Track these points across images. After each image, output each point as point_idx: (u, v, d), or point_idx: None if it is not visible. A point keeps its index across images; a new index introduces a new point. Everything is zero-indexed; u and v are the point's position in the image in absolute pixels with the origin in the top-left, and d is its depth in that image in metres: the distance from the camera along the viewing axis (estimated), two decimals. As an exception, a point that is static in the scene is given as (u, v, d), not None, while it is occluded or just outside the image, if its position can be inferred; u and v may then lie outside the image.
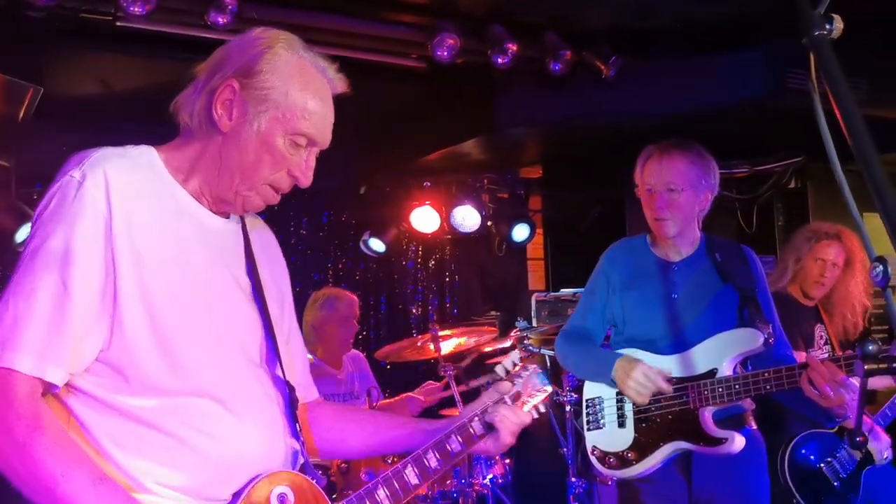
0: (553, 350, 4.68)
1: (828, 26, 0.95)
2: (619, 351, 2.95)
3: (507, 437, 1.91)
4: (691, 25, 4.31)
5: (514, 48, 4.11)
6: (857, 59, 4.58)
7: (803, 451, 3.60)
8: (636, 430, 2.85)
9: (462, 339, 4.61)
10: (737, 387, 2.72)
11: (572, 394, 4.30)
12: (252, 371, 1.69)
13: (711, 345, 2.82)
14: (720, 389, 2.73)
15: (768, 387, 2.68)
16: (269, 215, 1.86)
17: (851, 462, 3.60)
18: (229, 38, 4.05)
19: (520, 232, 6.35)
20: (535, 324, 5.67)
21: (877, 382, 3.76)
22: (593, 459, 2.91)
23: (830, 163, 0.88)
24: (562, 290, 6.00)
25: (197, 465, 1.55)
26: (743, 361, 2.84)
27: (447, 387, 4.31)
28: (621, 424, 2.89)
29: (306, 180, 1.67)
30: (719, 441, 2.74)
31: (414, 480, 1.78)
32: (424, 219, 6.19)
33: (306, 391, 1.93)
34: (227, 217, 1.73)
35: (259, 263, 1.77)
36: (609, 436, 2.90)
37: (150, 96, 4.62)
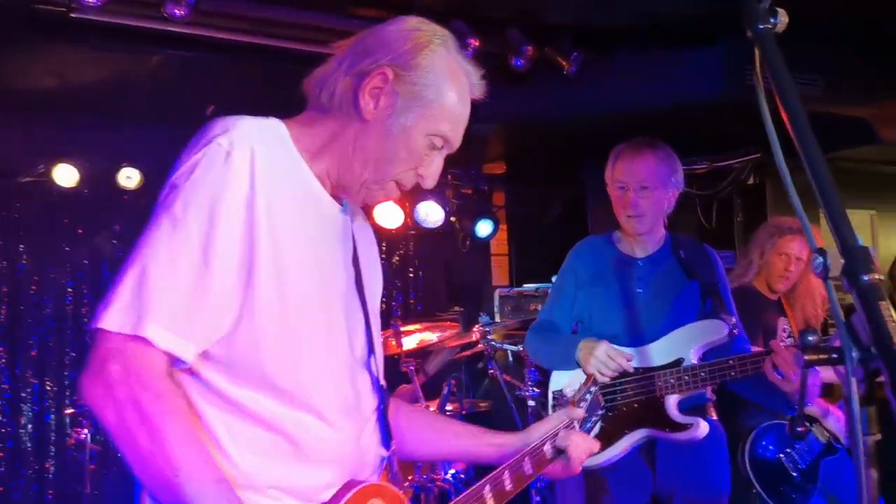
0: (516, 346, 4.74)
1: (772, 20, 0.95)
2: None
3: (577, 465, 1.87)
4: (652, 22, 4.34)
5: (476, 44, 4.10)
6: (813, 55, 4.67)
7: (763, 443, 3.65)
8: (603, 419, 2.86)
9: (425, 335, 4.61)
10: (703, 374, 2.77)
11: (534, 388, 4.34)
12: (356, 371, 1.61)
13: (678, 336, 2.87)
14: (686, 377, 2.79)
15: (733, 373, 2.73)
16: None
17: (810, 453, 3.66)
18: (186, 31, 3.99)
19: (483, 227, 6.36)
20: (498, 319, 5.69)
21: (833, 376, 3.83)
22: None
23: (774, 156, 0.88)
24: (525, 285, 6.02)
25: (304, 468, 1.48)
26: (705, 355, 2.89)
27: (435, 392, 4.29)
28: None
29: (432, 182, 1.59)
30: (685, 426, 2.79)
31: (491, 502, 1.72)
32: (388, 214, 6.16)
33: None
34: (341, 203, 1.63)
35: (359, 254, 1.69)
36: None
37: (105, 89, 4.61)
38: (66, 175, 5.27)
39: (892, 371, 0.73)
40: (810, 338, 0.84)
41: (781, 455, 3.64)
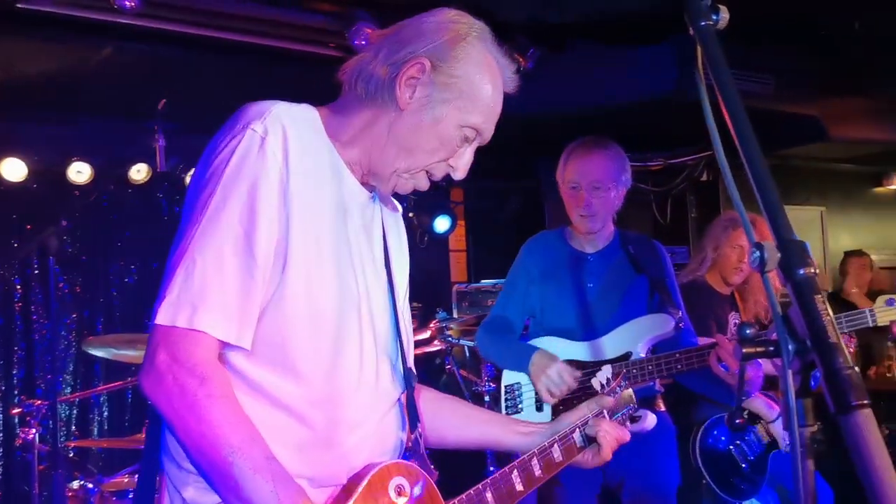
0: (473, 342, 4.75)
1: (714, 17, 0.96)
2: (537, 340, 3.01)
3: (608, 452, 1.85)
4: (606, 20, 4.38)
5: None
6: (764, 55, 4.75)
7: (714, 434, 3.70)
8: (554, 413, 2.91)
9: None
10: (650, 367, 2.83)
11: (490, 384, 4.35)
12: (380, 355, 1.60)
13: (626, 330, 2.92)
14: (634, 371, 2.83)
15: (679, 366, 2.79)
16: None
17: (759, 445, 3.72)
18: (137, 23, 3.90)
19: (441, 223, 6.36)
20: (455, 314, 5.69)
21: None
22: None
23: (715, 150, 0.90)
24: (482, 280, 6.03)
25: (323, 454, 1.48)
26: (653, 348, 2.93)
27: None
28: (539, 409, 2.95)
29: (462, 174, 1.62)
30: (634, 419, 2.82)
31: (519, 487, 1.72)
32: (345, 210, 6.13)
33: None
34: (371, 191, 1.64)
35: (388, 242, 1.70)
36: (528, 420, 2.94)
37: (55, 82, 4.52)
38: (14, 169, 5.14)
39: (826, 363, 0.75)
40: (748, 331, 0.86)
41: (731, 447, 3.69)
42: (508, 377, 3.05)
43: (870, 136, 6.36)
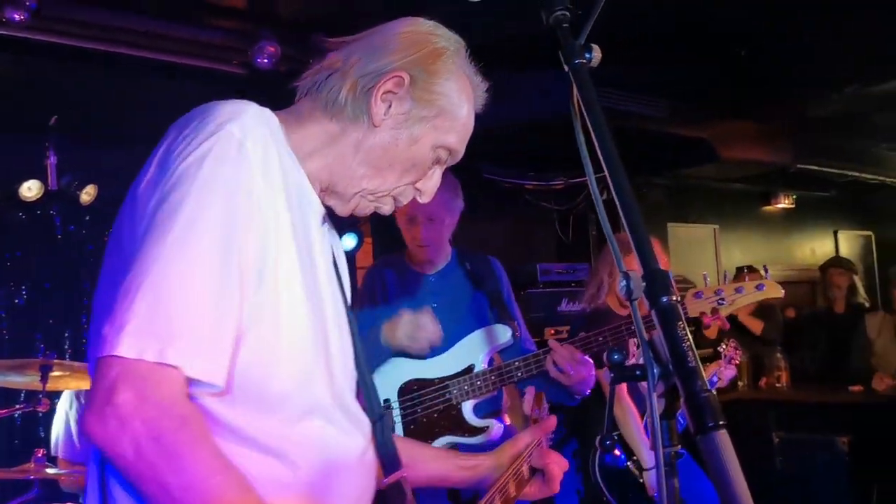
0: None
1: (587, 55, 1.02)
2: (383, 363, 3.05)
3: (557, 485, 1.79)
4: (510, 42, 4.48)
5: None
6: (655, 79, 4.95)
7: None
8: (406, 431, 2.97)
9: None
10: (493, 378, 2.93)
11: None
12: (353, 386, 1.45)
13: (466, 343, 3.02)
14: (478, 382, 2.94)
15: (520, 374, 2.90)
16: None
17: (654, 460, 3.84)
18: (27, 36, 3.76)
19: (348, 241, 6.34)
20: (360, 333, 5.67)
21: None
22: None
23: (588, 182, 0.94)
24: (388, 298, 6.04)
25: (315, 498, 1.30)
26: (501, 357, 3.04)
27: None
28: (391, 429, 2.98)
29: (428, 198, 1.50)
30: (482, 430, 2.95)
31: None
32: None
33: None
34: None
35: (338, 264, 1.54)
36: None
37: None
38: None
39: (686, 387, 0.80)
40: (616, 356, 0.91)
41: (629, 462, 3.79)
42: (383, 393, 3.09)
43: (757, 158, 6.70)
